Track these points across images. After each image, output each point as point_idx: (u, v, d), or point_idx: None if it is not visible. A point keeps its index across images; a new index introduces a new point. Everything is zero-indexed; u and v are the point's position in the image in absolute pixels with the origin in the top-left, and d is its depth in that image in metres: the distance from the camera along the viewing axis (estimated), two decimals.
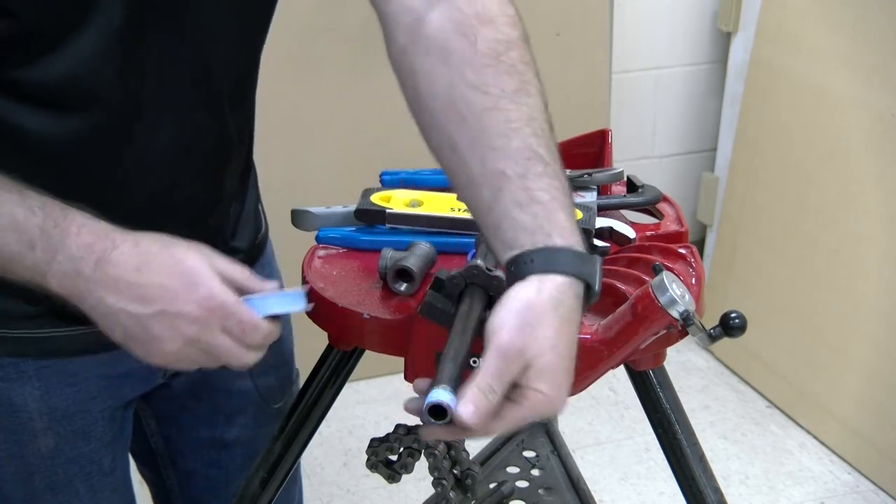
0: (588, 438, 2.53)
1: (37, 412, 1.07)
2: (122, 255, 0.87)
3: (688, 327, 0.97)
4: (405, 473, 1.04)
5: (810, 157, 2.50)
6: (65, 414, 1.09)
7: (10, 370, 1.04)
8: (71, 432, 1.10)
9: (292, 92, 2.26)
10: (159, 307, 0.87)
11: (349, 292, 1.10)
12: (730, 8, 2.75)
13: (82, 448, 1.11)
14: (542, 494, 1.44)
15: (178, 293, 0.87)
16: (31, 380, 1.05)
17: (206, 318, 0.88)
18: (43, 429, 1.08)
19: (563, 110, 2.67)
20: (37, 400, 1.06)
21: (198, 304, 0.87)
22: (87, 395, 1.09)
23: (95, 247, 0.87)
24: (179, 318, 0.87)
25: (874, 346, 2.36)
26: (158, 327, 0.87)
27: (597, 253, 1.15)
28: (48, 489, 1.10)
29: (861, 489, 2.36)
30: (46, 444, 1.08)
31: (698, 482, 1.12)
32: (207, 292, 0.87)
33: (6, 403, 1.05)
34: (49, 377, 1.06)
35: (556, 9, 2.63)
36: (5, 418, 1.06)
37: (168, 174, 1.03)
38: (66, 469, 1.11)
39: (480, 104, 0.92)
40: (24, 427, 1.07)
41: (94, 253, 0.86)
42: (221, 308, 0.88)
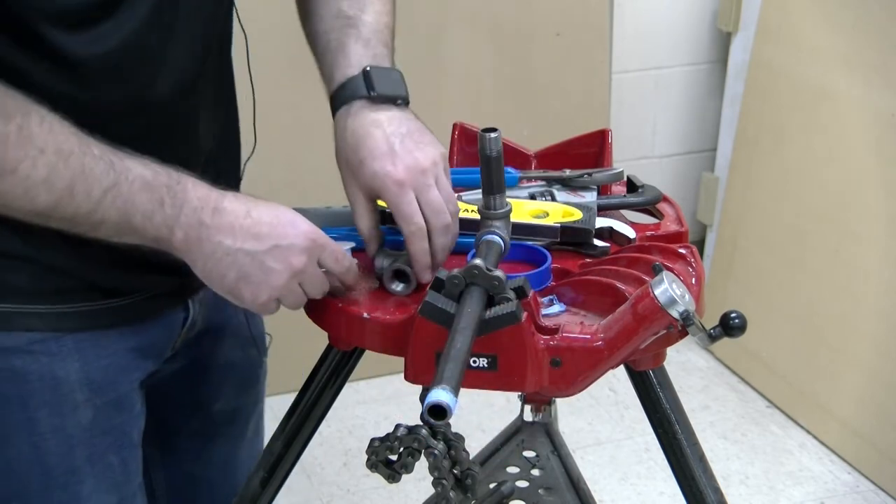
0: (588, 438, 2.53)
1: (77, 385, 1.10)
2: (232, 203, 0.99)
3: (688, 327, 0.97)
4: (405, 473, 1.04)
5: (810, 157, 2.50)
6: (101, 386, 1.12)
7: (51, 345, 1.08)
8: (105, 404, 1.13)
9: (292, 92, 2.25)
10: (273, 242, 0.99)
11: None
12: (730, 8, 2.75)
13: (115, 420, 1.15)
14: (542, 494, 1.44)
15: (287, 229, 1.00)
16: (72, 353, 1.09)
17: (311, 248, 1.00)
18: (83, 401, 1.11)
19: (563, 110, 2.70)
20: (77, 372, 1.10)
21: (304, 237, 1.00)
22: (118, 367, 1.13)
23: (210, 198, 0.99)
24: (291, 249, 0.99)
25: (874, 346, 2.36)
26: (272, 260, 0.99)
27: (597, 253, 1.16)
28: (87, 461, 1.13)
29: (861, 489, 2.36)
30: (86, 416, 1.12)
31: (698, 482, 1.12)
32: (308, 227, 1.01)
33: (49, 377, 1.08)
34: (86, 350, 1.10)
35: (556, 9, 2.63)
36: (49, 392, 1.09)
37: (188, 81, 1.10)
38: (102, 441, 1.14)
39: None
40: (66, 400, 1.10)
41: (211, 202, 0.98)
42: (321, 239, 1.02)
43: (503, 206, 1.06)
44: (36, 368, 1.07)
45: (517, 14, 2.61)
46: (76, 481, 1.13)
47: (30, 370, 1.07)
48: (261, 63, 1.28)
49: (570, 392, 1.01)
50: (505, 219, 1.07)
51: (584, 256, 1.16)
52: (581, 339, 0.98)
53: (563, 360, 0.99)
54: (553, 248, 1.16)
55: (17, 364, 1.07)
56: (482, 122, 1.16)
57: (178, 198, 0.97)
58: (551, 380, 0.99)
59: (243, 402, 1.38)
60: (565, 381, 0.99)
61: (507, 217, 1.07)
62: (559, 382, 1.00)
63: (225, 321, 1.30)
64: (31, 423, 1.09)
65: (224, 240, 0.98)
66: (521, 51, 2.64)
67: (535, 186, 1.28)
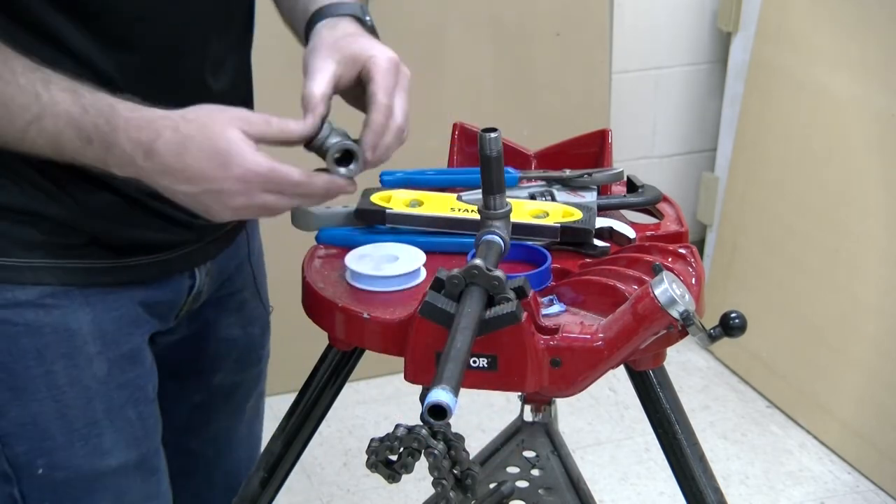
0: (588, 438, 2.53)
1: (90, 336, 1.11)
2: (165, 144, 0.95)
3: (688, 327, 0.97)
4: (405, 473, 1.04)
5: (810, 157, 2.50)
6: (113, 338, 1.13)
7: (62, 298, 1.09)
8: (119, 356, 1.14)
9: (292, 92, 2.26)
10: (204, 187, 0.97)
11: (349, 292, 1.10)
12: (730, 8, 2.75)
13: (130, 373, 1.15)
14: (542, 494, 1.44)
15: (215, 173, 0.96)
16: (82, 305, 1.10)
17: (246, 188, 0.97)
18: (97, 352, 1.12)
19: (563, 110, 2.70)
20: (89, 324, 1.11)
21: (234, 180, 0.96)
22: (129, 319, 1.14)
23: (142, 138, 0.95)
24: (223, 193, 0.97)
25: (874, 346, 2.36)
26: (208, 201, 0.98)
27: (597, 253, 1.16)
28: (105, 414, 1.14)
29: (861, 489, 2.36)
30: (101, 368, 1.12)
31: (698, 482, 1.12)
32: (240, 169, 0.96)
33: (63, 329, 1.09)
34: (96, 303, 1.11)
35: (556, 9, 2.63)
36: (64, 344, 1.10)
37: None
38: (119, 394, 1.14)
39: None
40: (80, 351, 1.11)
41: (142, 145, 0.95)
42: (256, 177, 0.97)
43: (503, 206, 1.06)
44: (49, 321, 1.08)
45: (517, 14, 2.61)
46: (97, 434, 1.13)
47: (44, 322, 1.08)
48: (261, 63, 1.28)
49: (570, 392, 1.01)
50: (505, 219, 1.07)
51: (584, 256, 1.16)
52: (581, 339, 0.98)
53: (563, 360, 0.99)
54: (553, 248, 1.16)
55: (31, 317, 1.08)
56: (482, 122, 1.16)
57: (106, 138, 0.96)
58: (551, 380, 0.99)
59: (243, 379, 1.38)
60: (565, 381, 0.99)
61: (507, 217, 1.07)
62: (559, 382, 1.00)
63: (228, 295, 1.31)
64: (50, 377, 1.10)
65: (160, 180, 0.98)
66: (521, 51, 2.64)
67: (535, 186, 1.28)
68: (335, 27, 1.08)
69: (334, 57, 1.04)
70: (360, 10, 1.10)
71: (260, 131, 0.98)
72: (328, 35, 1.07)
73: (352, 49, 1.04)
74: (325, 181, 1.02)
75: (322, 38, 1.07)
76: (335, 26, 1.08)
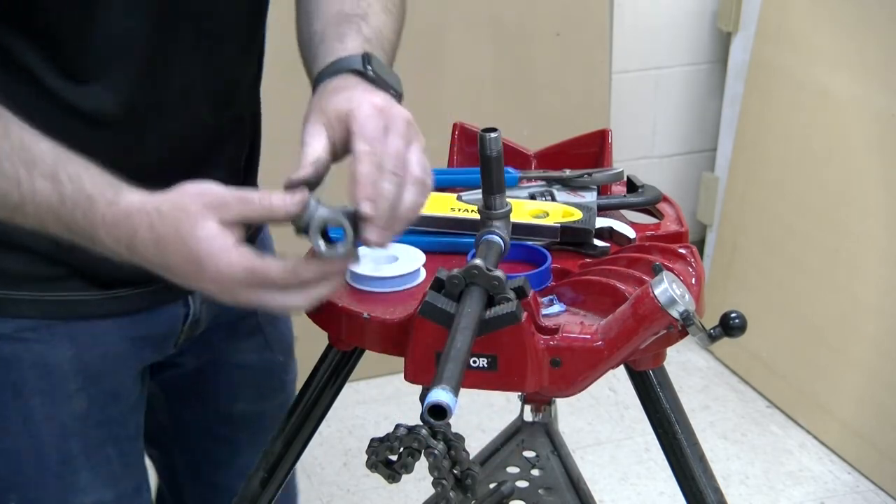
0: (588, 438, 2.53)
1: (70, 373, 1.09)
2: (142, 243, 0.90)
3: (688, 327, 0.97)
4: (405, 473, 1.04)
5: (810, 157, 2.50)
6: (96, 375, 1.11)
7: (43, 332, 1.07)
8: (101, 393, 1.12)
9: (292, 92, 2.25)
10: (189, 282, 0.91)
11: (349, 292, 1.10)
12: (730, 8, 2.75)
13: (111, 411, 1.14)
14: (542, 494, 1.44)
15: (191, 275, 0.90)
16: (64, 340, 1.08)
17: (228, 289, 0.90)
18: (77, 389, 1.10)
19: (563, 110, 2.70)
20: (70, 360, 1.09)
21: (210, 282, 0.90)
22: (114, 355, 1.12)
23: (120, 236, 0.90)
24: (204, 290, 0.91)
25: (874, 346, 2.36)
26: (206, 292, 0.92)
27: (597, 253, 1.16)
28: (82, 452, 1.12)
29: (861, 489, 2.36)
30: (80, 405, 1.11)
31: (698, 482, 1.12)
32: (214, 271, 0.88)
33: (41, 364, 1.08)
34: (79, 337, 1.09)
35: (556, 9, 2.63)
36: (42, 380, 1.08)
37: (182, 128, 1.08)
38: (98, 432, 1.13)
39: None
40: (59, 388, 1.09)
41: (122, 242, 0.91)
42: (232, 280, 0.89)
43: (503, 206, 1.06)
44: (28, 356, 1.07)
45: (517, 14, 2.61)
46: (72, 472, 1.12)
47: (22, 357, 1.07)
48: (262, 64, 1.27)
49: (570, 392, 1.01)
50: (505, 219, 1.07)
51: (584, 256, 1.16)
52: (581, 339, 0.98)
53: (563, 360, 0.99)
54: (553, 248, 1.16)
55: (8, 351, 1.06)
56: (482, 122, 1.16)
57: (86, 233, 0.91)
58: (551, 380, 0.99)
59: (266, 408, 1.34)
60: (565, 381, 0.99)
61: (507, 217, 1.07)
62: (559, 382, 1.00)
63: (235, 320, 1.28)
64: (26, 412, 1.08)
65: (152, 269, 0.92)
66: (521, 51, 2.64)
67: (535, 186, 1.28)
68: (326, 87, 0.98)
69: (321, 121, 0.95)
70: (359, 61, 0.99)
71: (239, 213, 0.89)
72: (317, 100, 0.98)
73: (335, 107, 0.95)
74: (314, 271, 0.90)
75: (311, 105, 0.98)
76: (326, 87, 0.98)
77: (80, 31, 0.97)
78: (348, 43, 1.02)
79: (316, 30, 1.07)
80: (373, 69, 0.99)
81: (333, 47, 1.02)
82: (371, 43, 1.04)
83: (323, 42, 1.05)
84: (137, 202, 0.90)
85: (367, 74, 0.98)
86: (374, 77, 0.98)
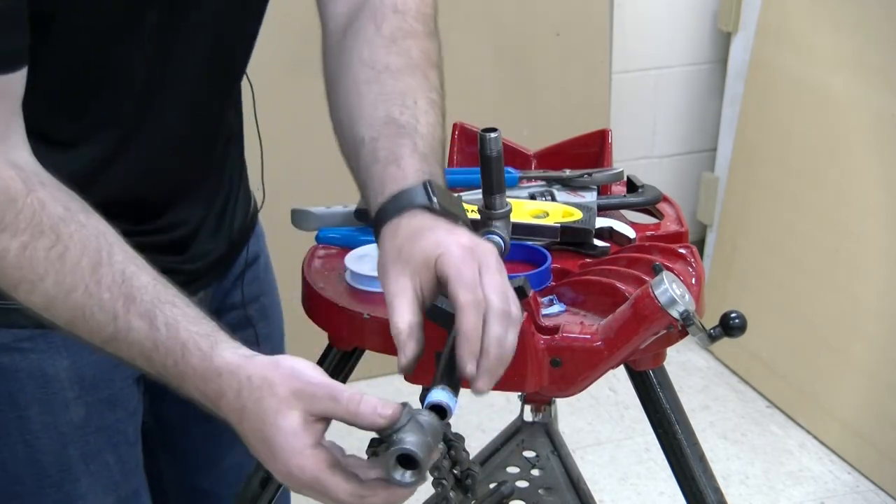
0: (588, 438, 2.53)
1: (67, 381, 1.09)
2: (227, 405, 0.87)
3: (688, 327, 0.97)
4: None
5: (810, 157, 2.50)
6: (93, 383, 1.10)
7: (39, 342, 1.06)
8: (99, 401, 1.12)
9: (292, 92, 2.26)
10: (261, 459, 0.87)
11: (349, 292, 1.10)
12: (730, 8, 2.75)
13: (109, 418, 1.13)
14: (542, 494, 1.44)
15: (262, 455, 0.87)
16: (60, 350, 1.07)
17: (290, 483, 0.87)
18: (74, 398, 1.10)
19: (563, 110, 2.70)
20: (67, 369, 1.08)
21: (281, 474, 0.86)
22: (110, 363, 1.10)
23: (208, 393, 0.88)
24: (273, 472, 0.87)
25: (874, 346, 2.36)
26: (271, 467, 0.88)
27: (597, 253, 1.16)
28: (81, 460, 1.12)
29: (861, 489, 2.36)
30: (78, 413, 1.10)
31: (698, 482, 1.12)
32: (283, 467, 0.85)
33: (38, 375, 1.07)
34: (75, 346, 1.07)
35: (556, 9, 2.63)
36: (39, 390, 1.08)
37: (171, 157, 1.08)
38: (97, 439, 1.12)
39: (364, 77, 1.02)
40: (56, 397, 1.09)
41: (208, 398, 0.88)
42: (298, 482, 0.85)
43: (503, 206, 1.06)
44: (25, 366, 1.07)
45: (517, 14, 2.60)
46: (71, 480, 1.12)
47: (19, 367, 1.06)
48: (260, 63, 1.27)
49: (571, 392, 1.01)
50: (505, 219, 1.07)
51: (584, 256, 1.16)
52: (581, 339, 0.98)
53: (563, 360, 0.99)
54: (553, 248, 1.16)
55: (5, 361, 1.06)
56: (482, 122, 1.16)
57: (175, 381, 0.89)
58: (551, 380, 0.99)
59: None
60: (565, 381, 0.99)
61: (508, 217, 1.07)
62: (559, 382, 1.00)
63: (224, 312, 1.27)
64: (23, 422, 1.08)
65: (231, 425, 0.89)
66: (521, 51, 2.64)
67: (535, 186, 1.28)
68: (396, 232, 0.91)
69: (406, 272, 0.89)
70: (423, 194, 0.92)
71: (324, 410, 0.85)
72: (391, 246, 0.91)
73: (419, 255, 0.88)
74: (382, 498, 0.85)
75: (386, 253, 0.91)
76: (396, 231, 0.91)
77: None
78: (406, 168, 0.95)
79: (363, 136, 0.99)
80: (438, 202, 0.93)
81: (391, 173, 0.95)
82: (427, 160, 0.97)
83: (377, 161, 0.97)
84: (232, 363, 0.87)
85: (434, 209, 0.92)
86: (442, 211, 0.93)
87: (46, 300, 0.88)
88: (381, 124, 0.98)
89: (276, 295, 1.36)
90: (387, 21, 1.04)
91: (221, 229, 1.19)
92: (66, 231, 0.87)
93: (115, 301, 0.88)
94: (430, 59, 1.06)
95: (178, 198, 1.12)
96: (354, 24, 1.06)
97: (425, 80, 1.03)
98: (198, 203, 1.15)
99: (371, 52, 1.03)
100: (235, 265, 1.25)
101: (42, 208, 0.87)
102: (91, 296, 0.88)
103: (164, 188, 1.10)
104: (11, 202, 0.86)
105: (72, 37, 0.94)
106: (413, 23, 1.06)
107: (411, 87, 1.02)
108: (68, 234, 0.87)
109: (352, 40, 1.05)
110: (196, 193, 1.14)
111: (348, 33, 1.06)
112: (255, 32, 1.13)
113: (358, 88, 1.02)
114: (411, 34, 1.05)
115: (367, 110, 1.00)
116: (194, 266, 1.16)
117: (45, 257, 0.86)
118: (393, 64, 1.02)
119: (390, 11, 1.05)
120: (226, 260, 1.23)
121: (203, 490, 1.36)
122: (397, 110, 0.99)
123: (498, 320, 0.86)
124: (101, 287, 0.88)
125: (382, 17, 1.05)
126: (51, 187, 0.89)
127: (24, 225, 0.86)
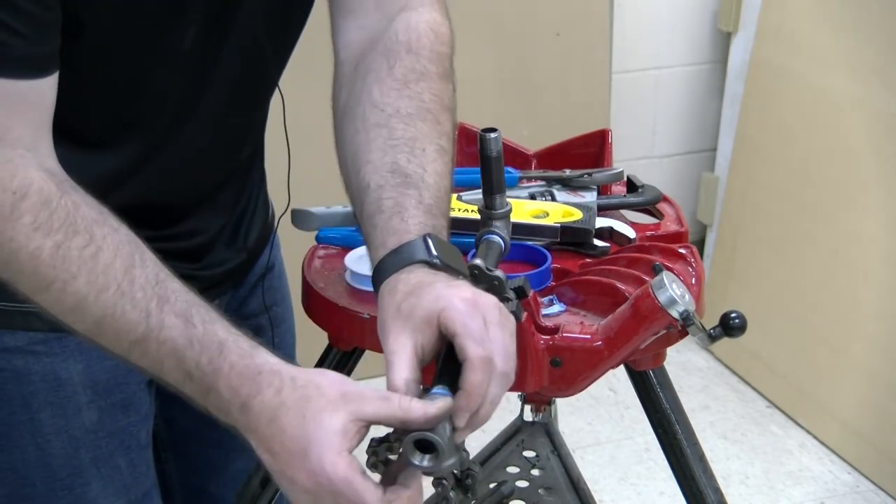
0: (588, 438, 2.53)
1: (81, 386, 1.09)
2: (261, 404, 0.85)
3: (688, 327, 0.97)
4: None
5: (810, 157, 2.50)
6: (106, 387, 1.11)
7: (53, 345, 1.07)
8: (111, 405, 1.12)
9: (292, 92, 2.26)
10: (280, 466, 0.86)
11: (349, 292, 1.10)
12: (730, 8, 2.75)
13: (122, 421, 1.13)
14: (542, 494, 1.44)
15: (294, 459, 0.84)
16: (74, 354, 1.07)
17: (315, 490, 0.84)
18: (87, 402, 1.10)
19: (563, 110, 2.70)
20: (80, 373, 1.08)
21: (307, 475, 0.84)
22: (124, 367, 1.08)
23: (241, 391, 0.86)
24: (294, 483, 0.85)
25: (874, 347, 2.36)
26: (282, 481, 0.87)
27: (597, 253, 1.16)
28: (92, 463, 1.12)
29: (861, 489, 2.36)
30: (90, 417, 1.10)
31: (698, 482, 1.12)
32: (318, 466, 0.83)
33: (52, 378, 1.07)
34: (89, 351, 1.07)
35: (556, 9, 2.63)
36: (51, 393, 1.08)
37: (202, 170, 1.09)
38: (108, 443, 1.13)
39: (374, 120, 1.00)
40: (69, 401, 1.09)
41: (240, 397, 0.86)
42: (327, 481, 0.83)
43: (503, 206, 1.06)
44: (38, 369, 1.07)
45: (517, 14, 2.61)
46: (82, 483, 1.12)
47: (32, 370, 1.07)
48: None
49: (571, 392, 1.01)
50: (505, 219, 1.07)
51: (584, 256, 1.16)
52: (581, 339, 0.98)
53: (563, 360, 0.99)
54: (553, 248, 1.16)
55: (19, 364, 1.06)
56: (482, 122, 1.16)
57: (206, 380, 0.87)
58: (551, 380, 1.00)
59: None
60: (565, 381, 1.00)
61: (508, 217, 1.07)
62: (559, 382, 1.00)
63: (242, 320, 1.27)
64: (35, 424, 1.08)
65: (248, 437, 0.88)
66: (521, 51, 2.64)
67: (535, 186, 1.28)
68: (395, 287, 0.90)
69: (406, 330, 0.88)
70: (423, 249, 0.92)
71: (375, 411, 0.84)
72: (390, 303, 0.90)
73: (419, 312, 0.87)
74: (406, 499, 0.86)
75: (386, 310, 0.90)
76: (395, 287, 0.90)
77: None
78: (410, 220, 0.94)
79: (369, 182, 0.98)
80: (438, 255, 0.92)
81: (394, 226, 0.94)
82: (432, 212, 0.96)
83: (381, 211, 0.96)
84: (274, 363, 0.86)
85: (433, 264, 0.91)
86: (442, 265, 0.92)
87: (77, 300, 0.87)
88: (388, 172, 0.97)
89: (289, 303, 1.35)
90: (400, 61, 1.02)
91: (238, 239, 1.20)
92: (99, 232, 0.87)
93: (149, 300, 0.87)
94: (443, 102, 1.03)
95: (199, 206, 1.12)
96: (368, 57, 1.04)
97: (436, 125, 1.01)
98: (218, 212, 1.15)
99: (382, 93, 1.01)
100: (251, 274, 1.25)
101: (76, 209, 0.87)
102: (123, 294, 0.87)
103: (186, 196, 1.11)
104: (45, 203, 0.86)
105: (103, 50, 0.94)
106: (427, 64, 1.03)
107: (421, 134, 0.99)
108: (101, 235, 0.87)
109: (363, 77, 1.03)
110: (217, 203, 1.14)
111: (360, 67, 1.04)
112: (291, 51, 1.12)
113: (367, 131, 1.00)
114: (424, 76, 1.02)
115: (374, 154, 0.98)
116: (211, 273, 1.16)
117: (79, 256, 0.86)
118: (403, 108, 1.00)
119: (404, 51, 1.03)
120: (242, 268, 1.23)
121: (210, 494, 1.36)
122: (405, 158, 0.98)
123: (498, 382, 0.86)
124: (133, 286, 0.87)
125: (396, 57, 1.02)
126: (82, 193, 0.89)
127: (59, 225, 0.86)
